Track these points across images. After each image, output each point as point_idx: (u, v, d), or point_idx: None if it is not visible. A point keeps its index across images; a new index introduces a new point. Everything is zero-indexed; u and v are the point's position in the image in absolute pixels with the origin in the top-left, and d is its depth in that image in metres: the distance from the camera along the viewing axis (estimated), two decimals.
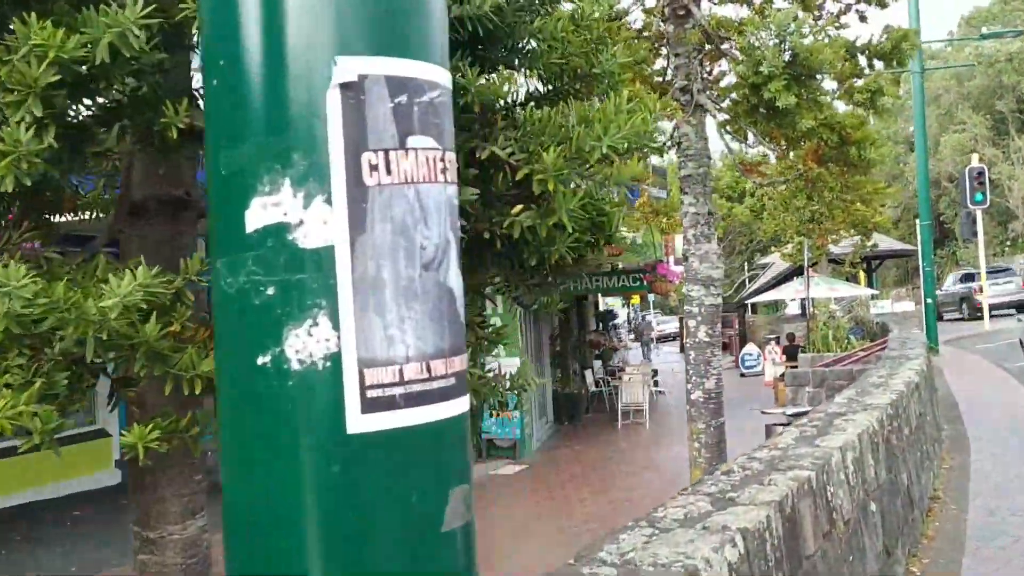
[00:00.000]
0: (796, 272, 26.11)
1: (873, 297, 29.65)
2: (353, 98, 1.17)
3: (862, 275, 35.70)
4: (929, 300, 23.59)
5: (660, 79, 9.22)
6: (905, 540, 5.97)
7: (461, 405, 1.27)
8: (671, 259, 22.07)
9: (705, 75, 8.75)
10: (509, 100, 3.15)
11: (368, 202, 1.19)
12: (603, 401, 22.77)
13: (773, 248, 29.44)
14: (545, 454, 16.81)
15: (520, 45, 3.22)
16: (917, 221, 24.22)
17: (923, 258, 23.89)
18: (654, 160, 10.37)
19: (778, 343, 26.89)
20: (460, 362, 1.27)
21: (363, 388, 1.17)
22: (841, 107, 8.97)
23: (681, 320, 51.16)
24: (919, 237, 24.05)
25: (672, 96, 8.76)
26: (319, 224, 1.18)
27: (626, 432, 18.91)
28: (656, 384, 23.76)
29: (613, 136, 2.68)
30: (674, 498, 3.40)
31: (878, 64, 8.37)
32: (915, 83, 22.86)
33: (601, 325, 33.34)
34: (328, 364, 1.18)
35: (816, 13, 8.24)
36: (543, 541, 10.14)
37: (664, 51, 9.10)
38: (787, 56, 6.74)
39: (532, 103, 3.20)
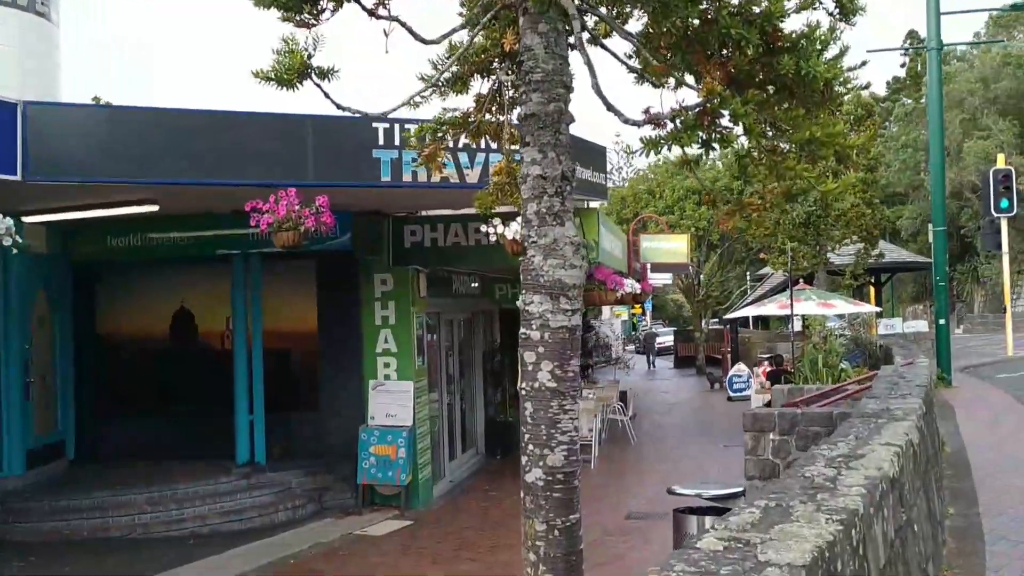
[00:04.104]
0: (795, 284, 22.55)
1: (879, 315, 25.99)
2: None
3: (872, 290, 32.08)
4: (942, 320, 19.97)
5: None
6: None
7: None
8: (636, 262, 18.59)
9: None
10: None
11: None
12: None
13: (762, 255, 25.89)
14: (450, 502, 13.38)
15: None
16: (930, 227, 20.65)
17: (936, 270, 20.26)
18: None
19: (771, 364, 23.37)
20: None
21: None
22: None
23: (676, 333, 48.21)
24: (932, 246, 20.44)
25: None
26: None
27: None
28: (624, 411, 20.25)
29: None
30: None
31: None
32: (931, 61, 19.34)
33: None
34: None
35: None
36: None
37: None
38: None
39: None
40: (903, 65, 65.36)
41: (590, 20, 6.18)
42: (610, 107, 5.08)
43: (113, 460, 12.77)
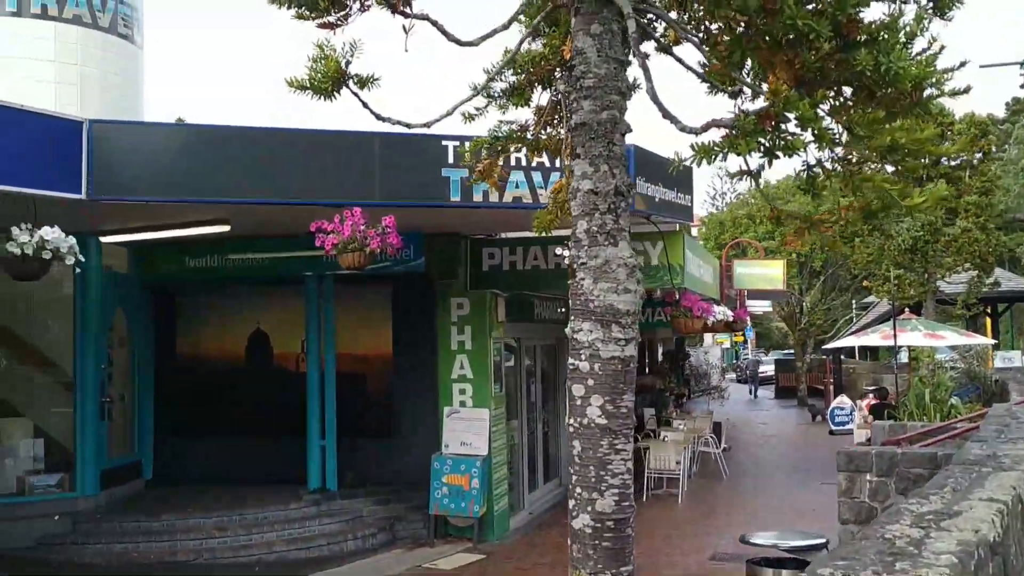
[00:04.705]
0: (899, 313, 21.34)
1: (996, 347, 24.38)
2: None
3: (988, 321, 30.28)
4: None
5: None
6: None
7: None
8: (731, 289, 17.82)
9: None
10: None
11: None
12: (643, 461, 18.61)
13: (865, 283, 24.60)
14: (526, 536, 12.84)
15: None
16: None
17: None
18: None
19: (876, 397, 22.15)
20: None
21: None
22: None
23: (776, 362, 46.67)
24: None
25: None
26: None
27: (649, 507, 14.75)
28: (716, 443, 19.37)
29: None
30: None
31: None
32: None
33: (669, 364, 29.07)
34: None
35: None
36: None
37: None
38: None
39: None
40: (1023, 85, 62.41)
41: (660, 26, 5.72)
42: (667, 114, 4.56)
43: (188, 482, 12.70)
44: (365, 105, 5.26)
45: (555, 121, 6.54)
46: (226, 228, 10.56)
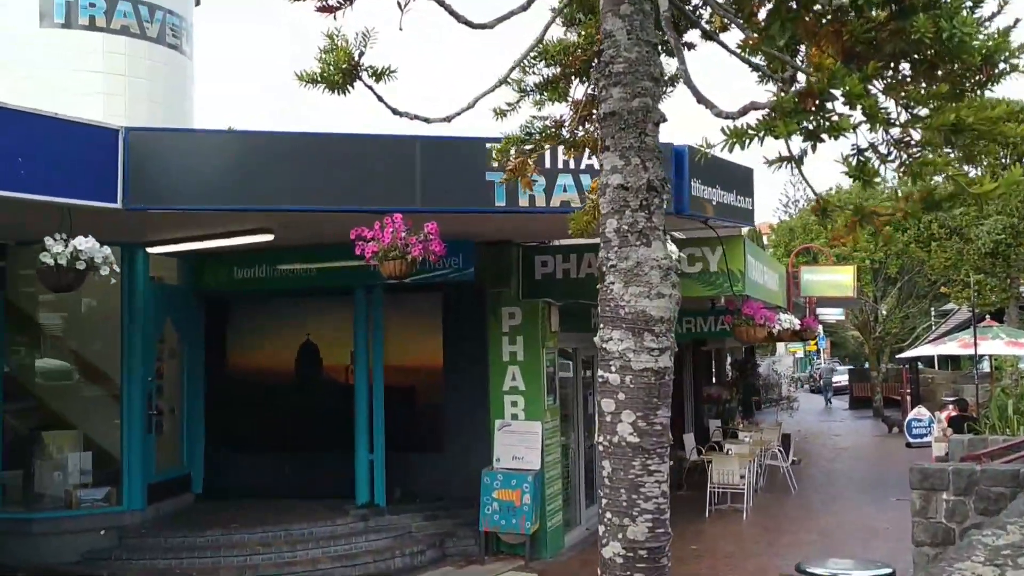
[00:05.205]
0: (980, 321, 20.32)
1: None
2: None
3: None
4: None
5: None
6: None
7: None
8: (798, 296, 17.11)
9: None
10: None
11: None
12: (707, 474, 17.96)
13: (943, 289, 23.54)
14: (581, 553, 12.37)
15: None
16: None
17: None
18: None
19: (955, 409, 21.13)
20: None
21: None
22: None
23: (850, 372, 45.31)
24: None
25: None
26: None
27: (712, 524, 14.15)
28: (784, 456, 18.62)
29: None
30: None
31: None
32: None
33: (738, 375, 28.28)
34: None
35: None
36: None
37: None
38: None
39: None
40: None
41: (705, 12, 5.30)
42: (701, 99, 4.12)
43: (237, 496, 12.52)
44: (380, 99, 4.91)
45: (593, 116, 6.14)
46: (269, 237, 10.34)
